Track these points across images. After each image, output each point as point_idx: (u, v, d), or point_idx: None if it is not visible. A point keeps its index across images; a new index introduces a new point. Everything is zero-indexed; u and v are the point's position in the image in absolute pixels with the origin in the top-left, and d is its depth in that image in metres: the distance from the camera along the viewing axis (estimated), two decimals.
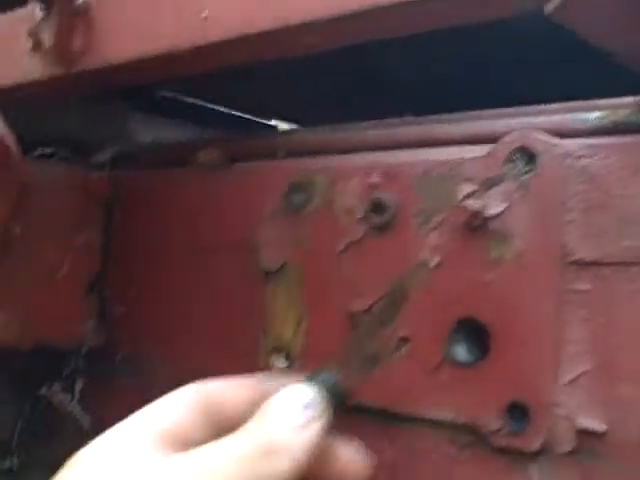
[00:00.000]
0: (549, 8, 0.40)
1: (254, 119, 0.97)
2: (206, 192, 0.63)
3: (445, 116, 0.55)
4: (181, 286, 0.64)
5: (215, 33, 0.50)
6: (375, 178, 0.52)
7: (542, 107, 0.51)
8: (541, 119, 0.49)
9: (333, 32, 0.47)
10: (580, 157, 0.44)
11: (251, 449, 0.37)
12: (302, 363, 0.55)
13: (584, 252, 0.43)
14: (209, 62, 0.54)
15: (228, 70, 0.55)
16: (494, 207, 0.46)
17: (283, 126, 1.08)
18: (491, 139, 0.49)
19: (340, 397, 0.43)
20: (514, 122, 0.50)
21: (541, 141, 0.45)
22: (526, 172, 0.46)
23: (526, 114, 0.51)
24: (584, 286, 0.43)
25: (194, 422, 0.40)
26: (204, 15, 0.50)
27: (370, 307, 0.51)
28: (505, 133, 0.48)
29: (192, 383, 0.43)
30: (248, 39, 0.49)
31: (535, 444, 0.43)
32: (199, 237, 0.63)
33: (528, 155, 0.46)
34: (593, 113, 0.47)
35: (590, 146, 0.44)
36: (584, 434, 0.42)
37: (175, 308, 0.65)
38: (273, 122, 1.01)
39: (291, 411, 0.39)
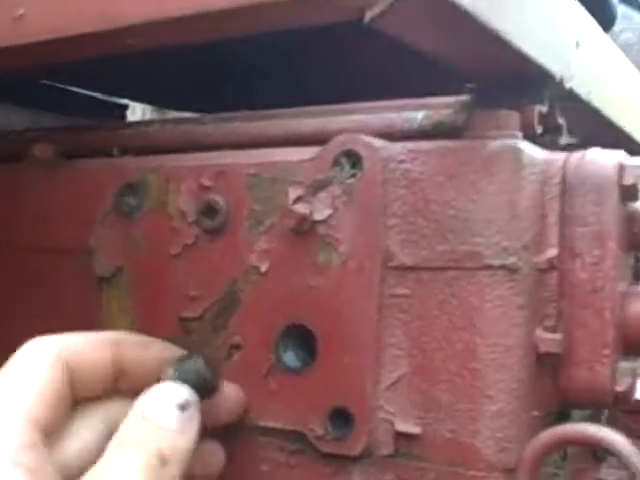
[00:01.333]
0: (367, 17, 0.39)
1: (105, 99, 0.93)
2: (40, 189, 0.61)
3: (277, 111, 0.54)
4: (12, 289, 0.61)
5: (29, 33, 0.47)
6: (206, 179, 0.51)
7: (373, 104, 0.51)
8: (371, 118, 0.49)
9: (153, 35, 0.45)
10: (402, 161, 0.45)
11: (145, 462, 0.36)
12: None
13: (404, 257, 0.44)
14: (24, 62, 0.51)
15: None
16: (321, 211, 0.46)
17: (136, 107, 1.05)
18: (321, 139, 0.48)
19: (207, 383, 0.43)
20: (345, 120, 0.50)
21: (366, 144, 0.45)
22: (352, 176, 0.46)
23: (356, 111, 0.51)
24: (404, 291, 0.44)
25: (57, 399, 0.39)
26: (19, 13, 0.47)
27: (203, 313, 0.50)
28: (335, 132, 0.48)
29: (44, 337, 0.42)
30: (66, 40, 0.47)
31: (357, 449, 0.43)
32: (32, 238, 0.60)
33: (353, 159, 0.46)
34: (420, 112, 0.48)
35: (411, 150, 0.44)
36: (401, 436, 0.42)
37: (7, 312, 0.62)
38: (125, 101, 0.98)
39: (169, 415, 0.39)
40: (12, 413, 0.36)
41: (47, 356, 0.40)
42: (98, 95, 0.90)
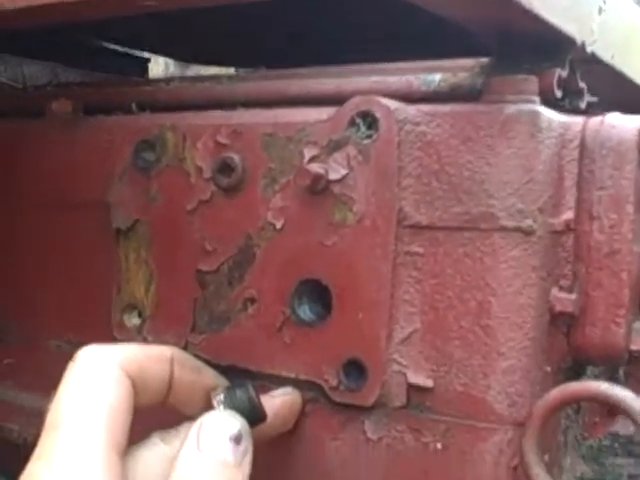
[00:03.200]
0: None
1: (126, 52, 0.92)
2: (60, 146, 0.61)
3: (294, 71, 0.55)
4: (33, 244, 0.62)
5: None
6: (223, 137, 0.52)
7: (391, 66, 0.52)
8: (388, 79, 0.50)
9: None
10: (418, 124, 0.45)
11: None
12: (153, 322, 0.55)
13: (419, 217, 0.45)
14: (44, 19, 0.51)
15: None
16: (336, 171, 0.47)
17: (158, 60, 1.04)
18: (338, 100, 0.49)
19: (258, 412, 0.43)
20: (362, 81, 0.51)
21: (382, 106, 0.46)
22: (367, 137, 0.46)
23: (374, 72, 0.51)
24: (418, 249, 0.45)
25: (127, 417, 0.38)
26: None
27: (219, 267, 0.52)
28: (352, 93, 0.49)
29: (103, 346, 0.41)
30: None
31: (370, 400, 0.45)
32: (54, 193, 0.61)
33: (370, 120, 0.47)
34: (438, 74, 0.48)
35: (427, 113, 0.45)
36: (414, 389, 0.44)
37: (27, 266, 0.63)
38: (147, 55, 0.97)
39: (225, 448, 0.38)
40: (95, 438, 0.35)
41: (113, 369, 0.39)
42: (119, 48, 0.90)
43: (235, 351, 0.51)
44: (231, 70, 0.92)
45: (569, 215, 0.44)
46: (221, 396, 0.43)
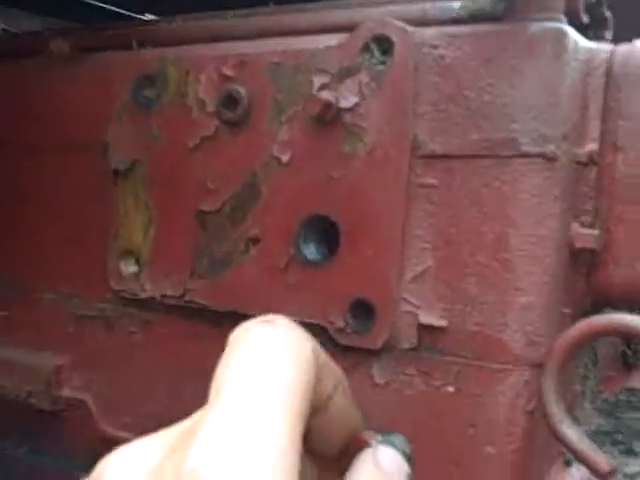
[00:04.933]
0: None
1: (127, 14, 0.90)
2: (57, 84, 0.59)
3: (303, 5, 0.52)
4: (28, 189, 0.59)
5: None
6: (228, 69, 0.49)
7: None
8: (403, 8, 0.47)
9: None
10: (436, 47, 0.42)
11: None
12: (151, 269, 0.52)
13: (434, 145, 0.42)
14: None
15: None
16: (347, 99, 0.44)
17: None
18: (349, 28, 0.46)
19: (410, 461, 0.39)
20: (374, 11, 0.48)
21: (398, 29, 0.43)
22: (382, 62, 0.43)
23: (388, 2, 0.48)
24: (432, 181, 0.42)
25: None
26: None
27: (221, 207, 0.49)
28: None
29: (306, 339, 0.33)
30: None
31: (379, 342, 0.42)
32: (50, 134, 0.58)
33: (385, 44, 0.43)
34: (456, 2, 0.45)
35: (447, 34, 0.42)
36: (425, 330, 0.41)
37: (22, 213, 0.60)
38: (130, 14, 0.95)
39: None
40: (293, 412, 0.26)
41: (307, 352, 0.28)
42: (121, 10, 0.87)
43: (236, 296, 0.48)
44: None
45: (593, 147, 0.41)
46: (379, 437, 0.37)
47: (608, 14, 0.46)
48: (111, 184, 0.54)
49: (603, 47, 0.43)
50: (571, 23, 0.42)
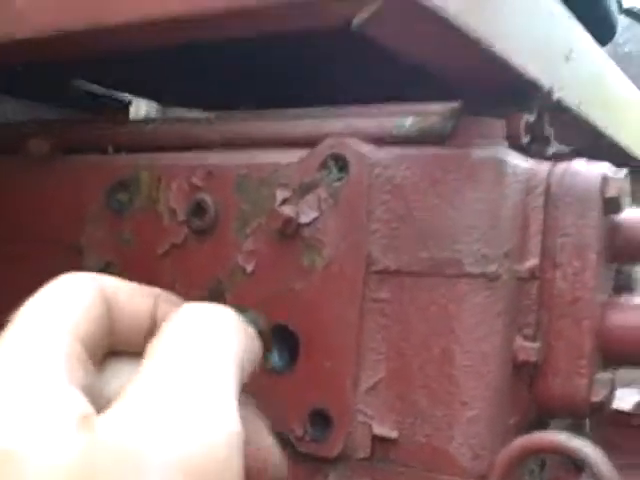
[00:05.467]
0: (356, 23, 0.40)
1: (107, 94, 0.93)
2: (34, 184, 0.61)
3: (270, 112, 0.55)
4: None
5: (26, 29, 0.47)
6: (197, 179, 0.51)
7: (364, 108, 0.52)
8: (362, 122, 0.50)
9: (145, 35, 0.46)
10: (387, 167, 0.45)
11: None
12: None
13: (387, 262, 0.44)
14: (21, 57, 0.51)
15: None
16: (307, 214, 0.46)
17: (139, 103, 1.05)
18: (313, 142, 0.49)
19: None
20: (337, 123, 0.50)
21: (353, 149, 0.46)
22: (338, 179, 0.46)
23: (348, 115, 0.51)
24: (385, 295, 0.44)
25: (99, 329, 0.30)
26: (16, 9, 0.48)
27: None
28: (327, 135, 0.48)
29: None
30: (63, 37, 0.47)
31: (335, 451, 0.44)
32: (26, 230, 0.61)
33: (341, 162, 0.46)
34: (409, 118, 0.48)
35: (396, 156, 0.45)
36: (379, 440, 0.43)
37: None
38: (128, 97, 0.98)
39: None
40: (60, 327, 0.28)
41: (89, 288, 0.31)
42: (100, 90, 0.90)
43: None
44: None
45: (534, 262, 0.44)
46: None
47: (549, 131, 0.49)
48: None
49: (542, 167, 0.45)
50: (512, 143, 0.45)
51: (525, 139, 0.46)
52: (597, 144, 0.68)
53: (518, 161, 0.44)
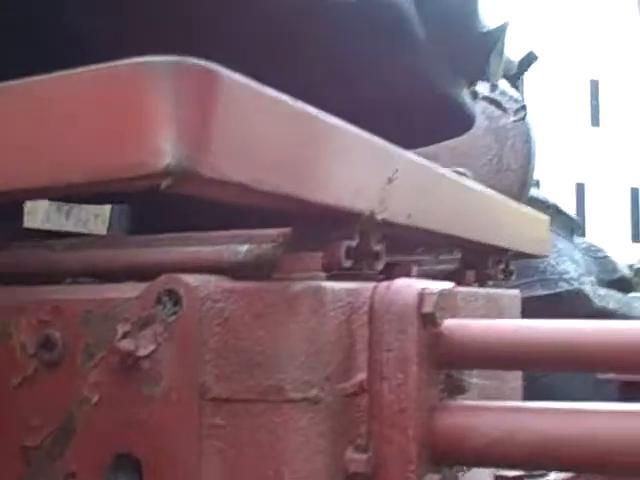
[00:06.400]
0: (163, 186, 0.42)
1: None
2: None
3: (123, 239, 0.58)
4: None
5: None
6: (45, 314, 0.54)
7: (206, 235, 0.55)
8: (202, 250, 0.54)
9: None
10: (217, 301, 0.49)
11: None
12: None
13: (219, 389, 0.47)
14: None
15: None
16: (145, 347, 0.49)
17: (37, 207, 1.05)
18: (157, 271, 0.52)
19: None
20: (176, 253, 0.54)
21: (184, 284, 0.49)
22: (173, 313, 0.49)
23: (191, 242, 0.55)
24: (220, 421, 0.47)
25: None
26: None
27: (42, 442, 0.53)
28: (169, 264, 0.52)
29: None
30: None
31: None
32: None
33: (174, 297, 0.50)
34: (245, 245, 0.52)
35: (224, 290, 0.49)
36: None
37: None
38: None
39: None
40: None
41: None
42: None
43: None
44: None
45: (362, 376, 0.48)
46: None
47: (377, 248, 0.53)
48: None
49: (366, 286, 0.50)
50: (334, 270, 0.50)
51: (346, 263, 0.50)
52: (443, 242, 0.74)
53: (338, 287, 0.48)
